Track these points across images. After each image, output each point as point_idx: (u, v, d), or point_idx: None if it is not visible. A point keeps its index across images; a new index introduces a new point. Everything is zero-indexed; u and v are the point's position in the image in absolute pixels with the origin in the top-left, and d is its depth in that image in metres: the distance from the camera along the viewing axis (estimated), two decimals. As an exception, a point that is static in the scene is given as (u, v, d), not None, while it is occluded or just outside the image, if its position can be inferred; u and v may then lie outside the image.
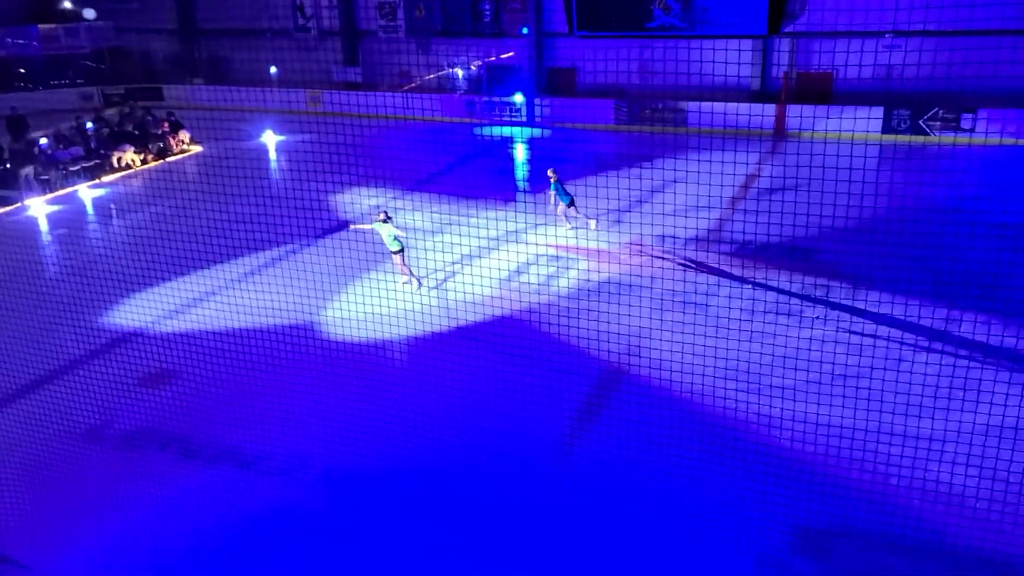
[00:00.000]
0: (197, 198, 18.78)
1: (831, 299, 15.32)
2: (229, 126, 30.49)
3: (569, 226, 19.45)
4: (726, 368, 11.65)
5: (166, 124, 30.47)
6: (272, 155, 29.83)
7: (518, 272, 17.17)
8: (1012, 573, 8.69)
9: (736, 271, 16.84)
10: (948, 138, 26.33)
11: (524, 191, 24.74)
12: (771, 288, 15.93)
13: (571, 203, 18.89)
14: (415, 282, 16.23)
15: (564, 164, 24.90)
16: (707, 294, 15.72)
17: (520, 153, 29.80)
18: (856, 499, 9.74)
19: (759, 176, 23.40)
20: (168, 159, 29.19)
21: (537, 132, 31.71)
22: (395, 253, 15.92)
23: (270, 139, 31.02)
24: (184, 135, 30.31)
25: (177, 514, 10.21)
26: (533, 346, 13.73)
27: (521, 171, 27.59)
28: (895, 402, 10.46)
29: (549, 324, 14.57)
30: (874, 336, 13.36)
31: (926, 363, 11.31)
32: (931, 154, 25.14)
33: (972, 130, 26.26)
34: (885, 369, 11.38)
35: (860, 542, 9.20)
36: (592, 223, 19.36)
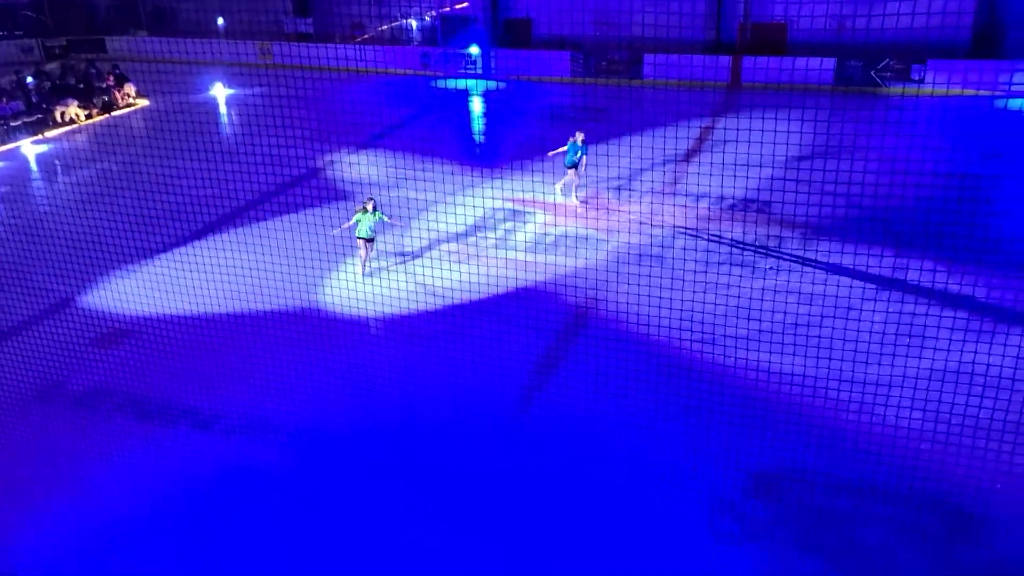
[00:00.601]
0: (145, 153, 18.35)
1: (784, 250, 15.58)
2: (177, 79, 29.70)
3: (558, 188, 18.58)
4: (681, 319, 11.83)
5: (111, 77, 29.53)
6: (223, 109, 29.16)
7: (476, 227, 17.14)
8: (958, 512, 9.07)
9: (692, 223, 17.00)
10: (898, 88, 26.67)
11: (481, 144, 24.58)
12: (725, 240, 16.13)
13: (574, 167, 17.97)
14: (365, 267, 15.26)
15: (520, 117, 24.82)
16: (663, 246, 15.87)
17: (477, 106, 29.51)
18: (807, 444, 10.04)
19: (714, 128, 23.53)
20: (114, 113, 28.36)
21: (493, 84, 31.41)
22: (365, 240, 15.02)
23: (220, 92, 30.29)
24: (130, 88, 29.43)
25: (134, 475, 10.17)
26: (492, 301, 13.79)
27: (478, 124, 27.36)
28: (844, 349, 10.76)
29: (507, 278, 14.61)
30: (825, 285, 13.66)
31: (874, 311, 11.62)
32: (882, 104, 25.45)
33: (921, 80, 26.61)
34: (835, 317, 11.66)
35: (811, 485, 9.52)
36: (575, 201, 18.45)
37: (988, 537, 8.78)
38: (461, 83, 31.61)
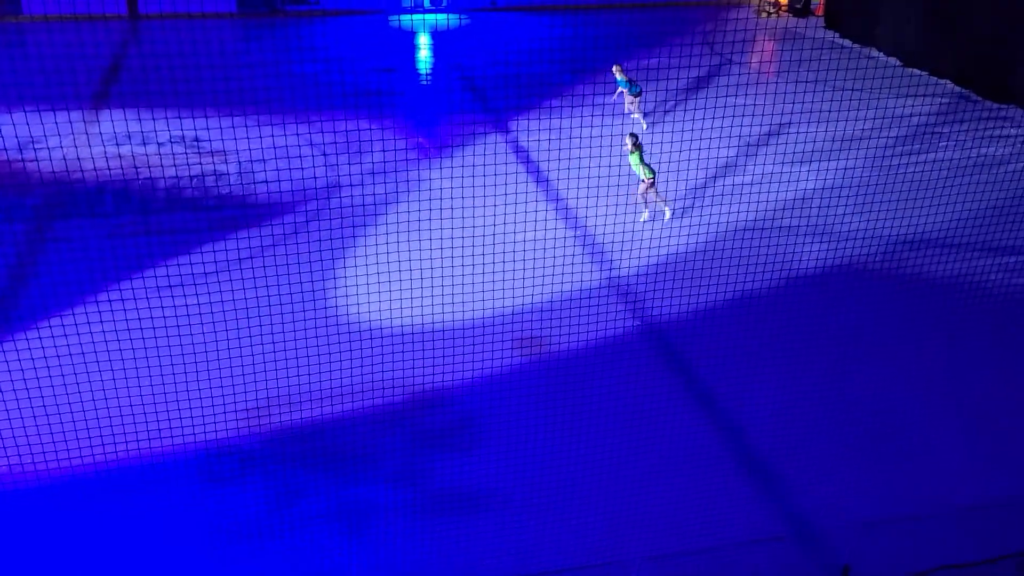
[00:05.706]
0: None
1: (229, 184, 15.49)
2: None
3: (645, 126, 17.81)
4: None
5: None
6: None
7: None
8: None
9: (127, 167, 15.73)
10: (305, 12, 27.33)
11: None
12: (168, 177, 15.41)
13: (639, 93, 17.71)
14: (650, 212, 14.59)
15: None
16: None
17: None
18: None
19: (120, 67, 21.66)
20: None
21: None
22: (644, 180, 14.26)
23: None
24: None
25: None
26: None
27: None
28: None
29: None
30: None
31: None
32: (292, 31, 25.77)
33: (317, 3, 27.61)
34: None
35: (297, 408, 9.98)
36: (645, 125, 17.87)
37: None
38: None
